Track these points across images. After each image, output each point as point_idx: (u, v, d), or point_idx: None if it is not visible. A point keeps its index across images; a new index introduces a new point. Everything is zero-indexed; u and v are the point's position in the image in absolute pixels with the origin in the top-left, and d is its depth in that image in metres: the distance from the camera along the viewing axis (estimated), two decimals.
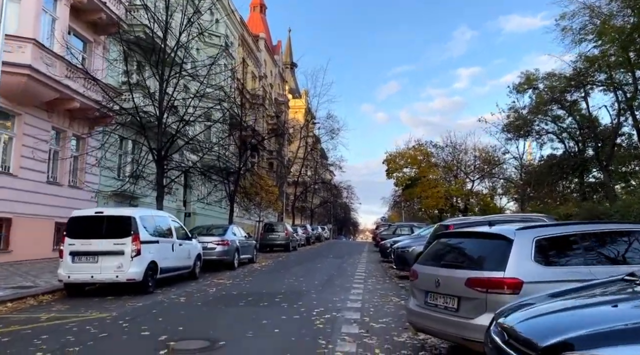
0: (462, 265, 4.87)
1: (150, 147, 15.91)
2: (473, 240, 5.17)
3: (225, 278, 12.85)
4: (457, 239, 5.44)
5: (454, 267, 4.91)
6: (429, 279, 5.07)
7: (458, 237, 5.50)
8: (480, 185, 40.97)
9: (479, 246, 5.02)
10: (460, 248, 5.24)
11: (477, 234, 5.18)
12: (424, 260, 5.53)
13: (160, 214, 11.38)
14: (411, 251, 12.68)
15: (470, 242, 5.19)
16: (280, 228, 26.04)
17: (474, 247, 5.07)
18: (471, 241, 5.19)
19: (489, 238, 4.97)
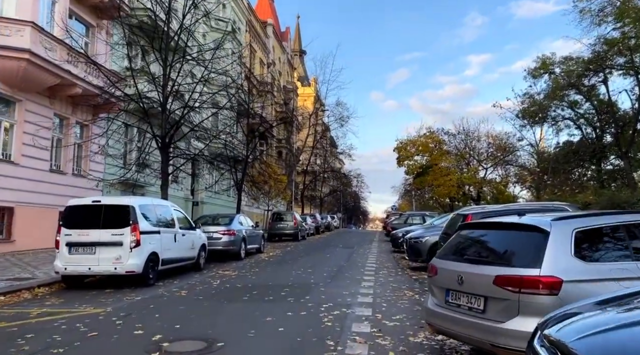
0: (488, 261, 4.28)
1: (154, 133, 15.44)
2: (501, 232, 4.57)
3: (230, 269, 12.40)
4: (482, 231, 4.84)
5: (479, 263, 4.32)
6: (450, 276, 4.50)
7: (482, 228, 4.89)
8: (493, 173, 40.06)
9: (508, 239, 4.42)
10: (485, 241, 4.64)
11: (506, 224, 4.57)
12: (443, 254, 4.95)
13: (162, 203, 10.90)
14: (424, 242, 12.09)
15: (497, 234, 4.58)
16: (288, 217, 25.57)
17: (502, 240, 4.46)
18: (498, 233, 4.58)
19: (519, 229, 4.36)
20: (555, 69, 36.24)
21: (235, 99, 21.75)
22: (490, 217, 7.75)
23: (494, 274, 4.03)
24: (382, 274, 11.57)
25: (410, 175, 42.04)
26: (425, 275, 11.19)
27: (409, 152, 39.07)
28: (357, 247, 21.25)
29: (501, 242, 4.45)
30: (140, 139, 15.90)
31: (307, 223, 30.13)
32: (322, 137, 51.84)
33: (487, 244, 4.58)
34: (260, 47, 44.14)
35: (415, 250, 12.27)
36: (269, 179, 30.17)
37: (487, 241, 4.61)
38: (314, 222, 34.38)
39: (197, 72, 17.95)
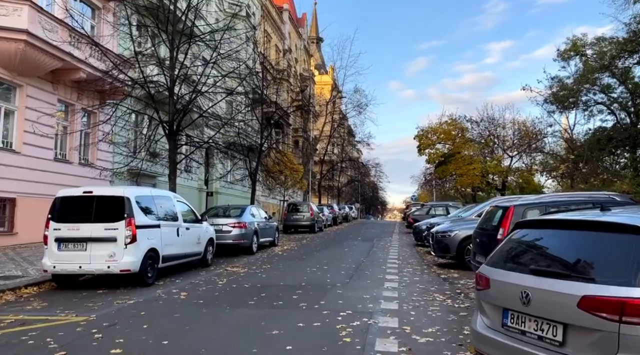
0: (568, 274, 3.12)
1: (161, 119, 14.51)
2: (579, 233, 3.38)
3: (240, 265, 11.44)
4: (550, 231, 3.65)
5: (553, 276, 3.16)
6: (509, 292, 3.36)
7: (551, 227, 3.69)
8: (519, 162, 38.25)
9: (592, 243, 3.24)
10: (559, 246, 3.46)
11: (587, 224, 3.39)
12: (497, 262, 3.79)
13: (163, 194, 9.93)
14: (453, 236, 10.91)
15: (574, 236, 3.39)
16: (304, 208, 24.54)
17: (584, 245, 3.28)
18: (576, 235, 3.39)
19: (608, 230, 3.18)
20: (587, 50, 34.20)
21: (249, 84, 20.73)
22: (548, 209, 6.55)
23: (578, 293, 2.88)
24: (407, 272, 10.44)
25: (431, 164, 40.51)
26: (455, 274, 10.07)
27: (430, 140, 37.52)
28: (377, 239, 20.13)
29: (583, 247, 3.27)
30: (145, 126, 14.96)
31: (324, 214, 29.10)
32: (340, 126, 50.56)
33: (563, 251, 3.41)
34: (275, 33, 42.95)
35: (443, 245, 11.09)
36: (284, 168, 29.21)
37: (562, 246, 3.44)
38: (332, 212, 33.32)
39: (208, 55, 17.00)
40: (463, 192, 51.24)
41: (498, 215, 7.63)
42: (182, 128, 15.27)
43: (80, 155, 16.85)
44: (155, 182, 22.33)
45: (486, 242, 7.67)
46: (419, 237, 16.99)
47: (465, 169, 34.75)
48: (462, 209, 19.69)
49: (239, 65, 15.43)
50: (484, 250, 7.71)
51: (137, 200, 8.33)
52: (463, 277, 9.65)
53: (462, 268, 10.70)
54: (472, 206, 18.60)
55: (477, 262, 7.94)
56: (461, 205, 27.04)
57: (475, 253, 8.11)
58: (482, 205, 14.37)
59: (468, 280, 9.27)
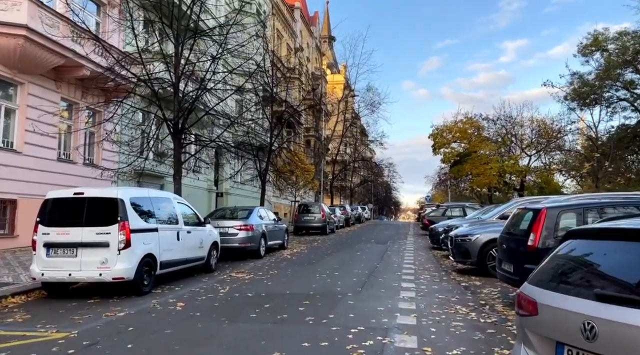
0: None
1: (165, 117, 13.95)
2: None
3: (246, 270, 10.78)
4: (613, 244, 2.89)
5: (628, 304, 2.42)
6: (566, 321, 2.62)
7: (613, 237, 2.93)
8: (537, 161, 37.04)
9: None
10: (629, 263, 2.71)
11: None
12: (546, 281, 3.04)
13: (161, 195, 9.31)
14: (474, 240, 10.10)
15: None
16: (316, 209, 23.84)
17: None
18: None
19: None
20: (609, 45, 32.97)
21: (257, 81, 20.12)
22: (586, 213, 5.78)
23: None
24: (424, 279, 9.67)
25: (447, 163, 39.51)
26: (476, 282, 9.29)
27: (445, 138, 36.53)
28: (391, 242, 19.33)
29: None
30: (149, 124, 14.41)
31: (336, 215, 28.37)
32: (352, 125, 49.77)
33: (636, 269, 2.65)
34: (287, 31, 42.37)
35: (463, 250, 10.30)
36: (295, 168, 28.56)
37: (634, 263, 2.68)
38: (344, 213, 32.58)
39: (215, 52, 16.42)
40: (478, 193, 50.07)
41: (527, 219, 6.83)
42: (187, 126, 14.70)
43: (85, 155, 16.41)
44: (162, 182, 21.87)
45: (514, 249, 6.88)
46: (436, 240, 16.18)
47: (481, 168, 33.71)
48: (480, 211, 18.81)
49: (245, 60, 14.79)
50: (511, 257, 6.93)
51: (132, 202, 7.72)
52: (486, 285, 8.86)
53: (483, 275, 9.90)
54: (491, 207, 17.72)
55: (503, 271, 7.16)
56: (478, 206, 26.11)
57: (501, 260, 7.32)
58: (504, 206, 13.53)
59: (492, 288, 8.49)
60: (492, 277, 9.66)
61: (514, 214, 7.58)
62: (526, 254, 6.43)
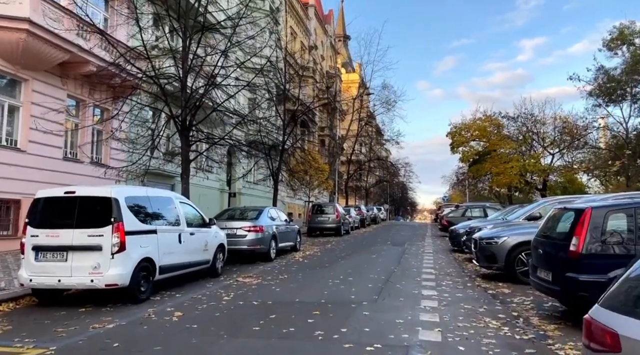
0: None
1: (173, 114, 13.40)
2: None
3: (254, 275, 10.11)
4: None
5: None
6: None
7: None
8: (560, 160, 35.66)
9: None
10: None
11: None
12: (626, 306, 2.28)
13: (162, 194, 8.68)
14: (501, 244, 9.26)
15: None
16: (330, 209, 23.09)
17: None
18: None
19: None
20: (635, 39, 31.61)
21: (269, 78, 19.51)
22: (638, 212, 4.94)
23: None
24: (446, 286, 8.87)
25: (465, 162, 38.38)
26: (505, 289, 8.45)
27: (463, 137, 35.45)
28: (409, 244, 18.49)
29: None
30: (155, 121, 13.87)
31: (351, 216, 27.59)
32: (367, 124, 48.88)
33: None
34: (300, 29, 41.77)
35: (489, 254, 9.45)
36: (309, 168, 27.89)
37: None
38: (359, 214, 31.77)
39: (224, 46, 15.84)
40: (497, 193, 48.68)
41: (568, 220, 6.01)
42: (195, 124, 14.15)
43: (93, 154, 15.99)
44: (173, 182, 21.40)
45: (553, 255, 6.06)
46: (456, 242, 15.32)
47: (502, 167, 32.58)
48: (503, 211, 17.86)
49: (254, 54, 14.15)
50: (549, 264, 6.11)
51: (127, 201, 7.11)
52: (516, 294, 8.03)
53: (512, 281, 9.06)
54: (515, 208, 16.76)
55: (539, 279, 6.34)
56: (499, 206, 25.06)
57: (536, 267, 6.50)
58: (531, 206, 12.61)
59: (523, 297, 7.66)
60: (522, 283, 8.83)
61: (551, 214, 6.75)
62: (567, 260, 5.62)
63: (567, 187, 35.57)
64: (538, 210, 12.02)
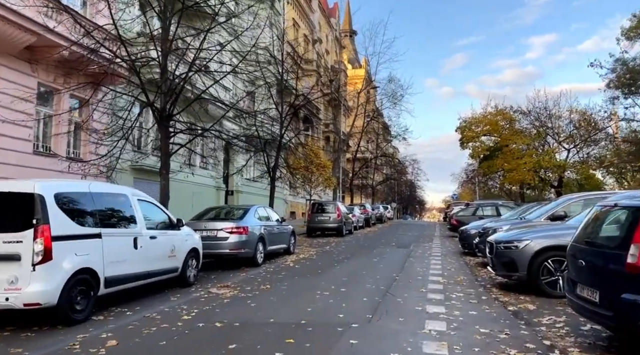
0: None
1: (150, 102, 12.03)
2: None
3: (232, 284, 8.69)
4: None
5: None
6: None
7: None
8: (575, 156, 33.80)
9: None
10: None
11: None
12: None
13: (111, 190, 7.21)
14: (523, 248, 7.72)
15: None
16: (331, 208, 21.59)
17: None
18: None
19: None
20: None
21: (266, 68, 18.09)
22: None
23: None
24: (457, 299, 7.38)
25: (475, 158, 36.67)
26: (529, 305, 6.82)
27: (474, 132, 33.76)
28: (415, 245, 16.97)
29: None
30: (128, 108, 12.48)
31: (354, 214, 26.09)
32: (373, 119, 47.28)
33: None
34: (304, 21, 40.32)
35: (507, 260, 7.93)
36: (310, 164, 26.45)
37: None
38: (364, 213, 30.25)
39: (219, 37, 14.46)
40: (508, 191, 46.81)
41: (619, 222, 4.51)
42: (177, 113, 12.77)
43: (68, 148, 14.69)
44: (165, 179, 20.12)
45: (600, 268, 4.56)
46: (467, 244, 13.80)
47: (514, 163, 30.87)
48: (518, 210, 16.29)
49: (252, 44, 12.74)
50: (596, 280, 4.60)
51: (58, 199, 5.71)
52: (543, 311, 6.52)
53: (535, 292, 7.55)
54: (533, 206, 15.18)
55: (581, 299, 4.83)
56: (512, 204, 23.44)
57: (575, 282, 4.99)
58: (554, 204, 11.06)
59: (553, 317, 6.15)
60: (548, 296, 7.33)
61: (593, 214, 5.22)
62: (624, 276, 4.12)
63: (583, 184, 33.74)
64: (562, 208, 10.49)
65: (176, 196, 20.48)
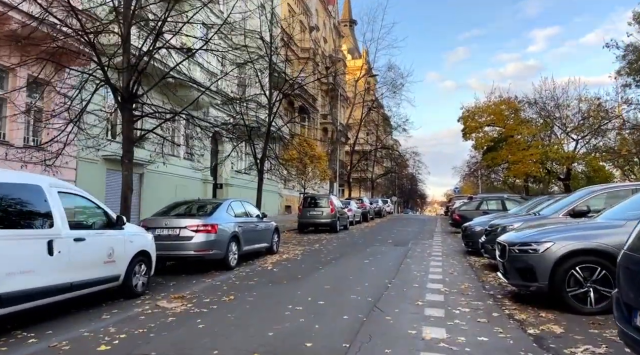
0: None
1: (109, 79, 10.47)
2: None
3: (189, 295, 7.18)
4: None
5: None
6: None
7: None
8: (585, 147, 32.14)
9: None
10: None
11: None
12: None
13: (15, 180, 5.54)
14: (544, 252, 6.18)
15: None
16: (324, 202, 20.06)
17: None
18: None
19: None
20: None
21: (249, 48, 16.47)
22: None
23: None
24: (461, 316, 5.85)
25: (478, 150, 35.04)
26: (553, 325, 5.07)
27: (477, 122, 32.12)
28: (413, 243, 15.46)
29: None
30: (80, 87, 10.91)
31: (351, 209, 24.56)
32: (372, 109, 45.63)
33: None
34: (300, 7, 38.60)
35: (524, 266, 6.39)
36: (304, 156, 24.93)
37: None
38: (361, 207, 28.71)
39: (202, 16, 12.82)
40: (512, 184, 45.18)
41: None
42: (142, 94, 11.22)
43: (27, 136, 13.20)
44: (142, 171, 18.64)
45: None
46: (471, 243, 12.28)
47: (520, 155, 29.25)
48: (527, 204, 14.78)
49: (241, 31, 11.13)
50: None
51: None
52: (574, 335, 4.99)
53: (560, 307, 6.04)
54: (542, 199, 13.66)
55: (638, 332, 3.32)
56: (519, 198, 21.91)
57: (632, 308, 3.47)
58: (573, 197, 9.49)
59: (589, 346, 4.62)
60: (576, 312, 5.83)
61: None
62: None
63: (591, 176, 32.15)
64: (584, 202, 8.95)
65: (156, 189, 19.00)
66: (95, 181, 15.66)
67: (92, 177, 15.69)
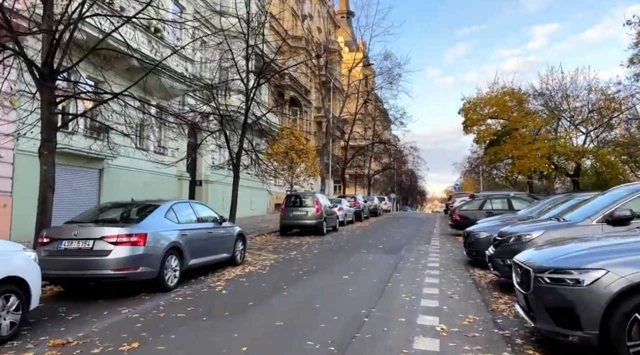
0: None
1: (21, 50, 8.33)
2: None
3: (74, 342, 5.06)
4: None
5: None
6: None
7: None
8: (594, 141, 30.02)
9: None
10: None
11: None
12: None
13: None
14: (592, 285, 4.04)
15: None
16: (309, 201, 17.91)
17: None
18: None
19: None
20: None
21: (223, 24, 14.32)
22: None
23: None
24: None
25: (480, 144, 32.89)
26: None
27: (479, 114, 29.94)
28: (407, 250, 13.31)
29: None
30: None
31: (342, 208, 22.44)
32: (368, 101, 43.41)
33: None
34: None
35: (560, 305, 4.26)
36: (291, 150, 22.78)
37: None
38: (354, 205, 26.56)
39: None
40: (514, 181, 43.07)
41: None
42: (70, 67, 9.06)
43: None
44: (102, 166, 16.46)
45: None
46: (475, 252, 10.13)
47: (525, 149, 27.10)
48: (539, 204, 12.70)
49: None
50: None
51: None
52: None
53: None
54: (558, 199, 11.59)
55: None
56: (526, 196, 19.82)
57: None
58: (611, 196, 7.19)
59: None
60: None
61: None
62: None
63: (601, 172, 30.02)
64: (624, 204, 6.81)
65: (118, 188, 16.76)
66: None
67: (36, 173, 13.58)
